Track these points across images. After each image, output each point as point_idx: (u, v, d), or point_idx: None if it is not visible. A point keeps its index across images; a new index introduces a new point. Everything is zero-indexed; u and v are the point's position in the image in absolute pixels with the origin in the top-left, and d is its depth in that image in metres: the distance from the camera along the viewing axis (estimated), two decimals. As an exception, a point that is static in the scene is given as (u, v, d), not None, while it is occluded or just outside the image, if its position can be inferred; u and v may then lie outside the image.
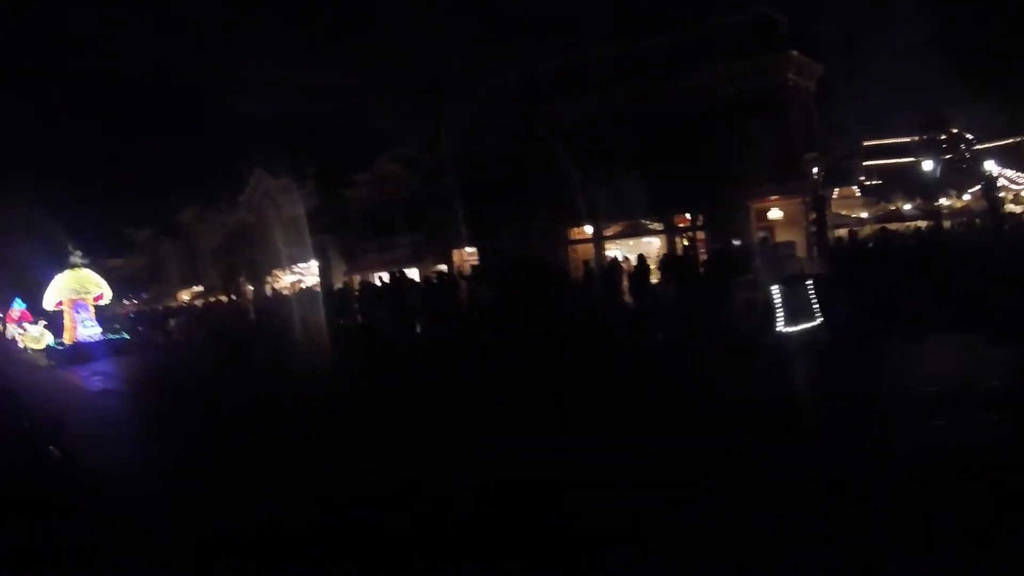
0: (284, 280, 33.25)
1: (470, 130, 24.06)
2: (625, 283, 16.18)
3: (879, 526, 4.08)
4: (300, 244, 30.10)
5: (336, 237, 28.81)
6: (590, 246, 22.20)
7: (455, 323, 16.61)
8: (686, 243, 20.43)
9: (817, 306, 11.00)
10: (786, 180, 21.13)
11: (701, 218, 22.33)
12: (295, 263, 32.05)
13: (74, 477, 5.89)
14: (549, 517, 4.79)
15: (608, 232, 21.91)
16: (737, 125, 20.84)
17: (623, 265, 18.21)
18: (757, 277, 11.43)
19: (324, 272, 29.52)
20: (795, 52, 21.84)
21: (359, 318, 20.41)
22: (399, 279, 19.15)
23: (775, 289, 10.84)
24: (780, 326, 10.73)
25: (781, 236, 18.99)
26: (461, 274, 18.97)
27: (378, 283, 23.40)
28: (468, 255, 23.83)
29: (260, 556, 4.69)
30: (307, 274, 32.00)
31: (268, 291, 30.80)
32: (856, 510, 4.32)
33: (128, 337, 28.00)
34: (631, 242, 22.05)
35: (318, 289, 25.64)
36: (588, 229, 22.16)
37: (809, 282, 11.30)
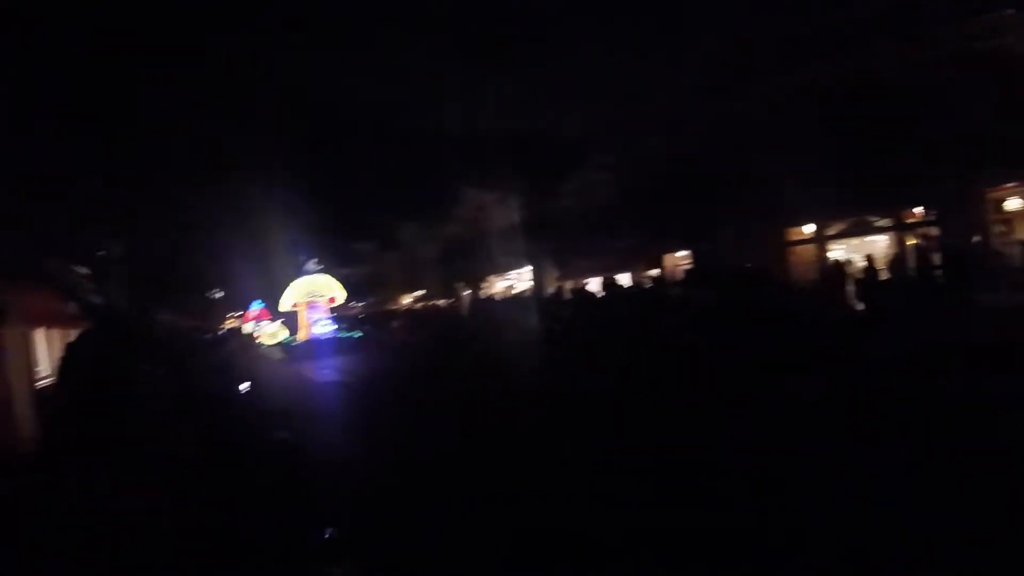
0: (497, 286, 34.53)
1: (674, 128, 23.35)
2: (851, 287, 15.20)
3: None
4: (512, 252, 31.09)
5: (546, 244, 29.42)
6: (811, 247, 20.45)
7: (668, 330, 16.21)
8: (917, 241, 18.72)
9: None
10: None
11: (932, 212, 20.12)
12: (507, 270, 33.17)
13: (304, 462, 6.44)
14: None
15: (830, 231, 20.14)
16: (971, 99, 18.55)
17: (848, 268, 16.93)
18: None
19: (536, 278, 30.37)
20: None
21: (570, 323, 20.63)
22: (610, 285, 19.18)
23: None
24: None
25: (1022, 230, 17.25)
26: (674, 279, 18.66)
27: (589, 289, 23.71)
28: (681, 259, 23.33)
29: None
30: (519, 280, 33.05)
31: (482, 296, 32.19)
32: None
33: (361, 335, 30.02)
34: (855, 241, 20.24)
35: (530, 294, 26.46)
36: (807, 228, 20.56)
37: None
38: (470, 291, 35.48)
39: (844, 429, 6.92)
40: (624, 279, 21.57)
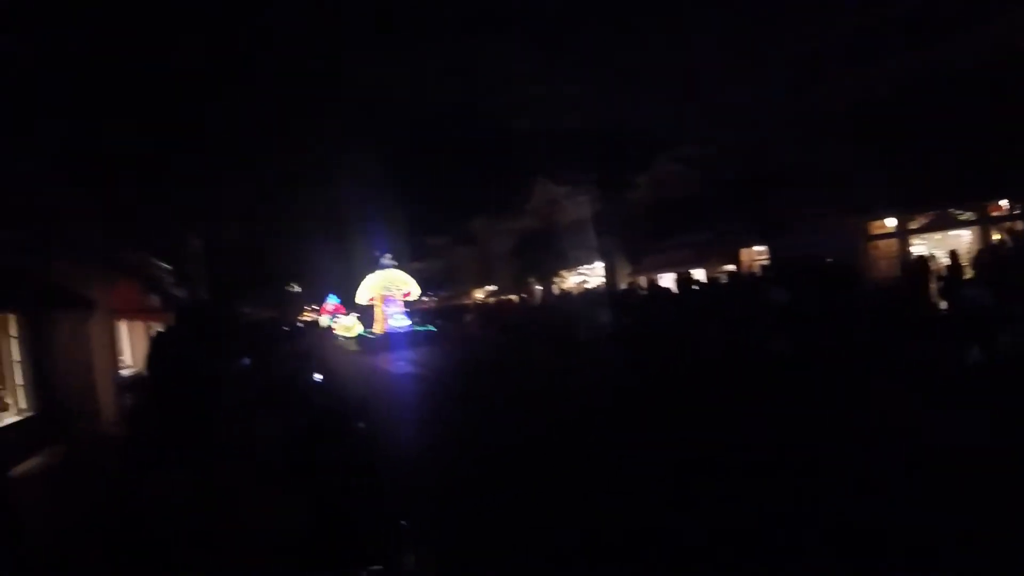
0: (570, 281, 34.44)
1: (751, 118, 22.72)
2: (933, 286, 14.47)
3: None
4: (584, 247, 30.93)
5: (619, 239, 29.17)
6: (892, 242, 19.56)
7: (744, 328, 15.81)
8: (1003, 236, 17.71)
9: None
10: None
11: (1020, 204, 18.91)
12: (580, 265, 33.04)
13: (378, 450, 6.49)
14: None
15: (912, 225, 19.19)
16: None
17: (931, 264, 16.05)
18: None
19: (608, 273, 30.17)
20: None
21: (644, 318, 20.41)
22: (684, 280, 18.92)
23: None
24: None
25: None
26: (750, 275, 18.26)
27: (663, 284, 23.43)
28: (758, 254, 22.79)
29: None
30: (592, 275, 32.89)
31: (555, 291, 32.17)
32: None
33: (435, 329, 30.38)
34: (937, 236, 19.24)
35: (603, 290, 26.32)
36: (889, 222, 19.66)
37: None
38: (542, 286, 35.50)
39: (930, 439, 6.49)
40: (699, 275, 21.19)
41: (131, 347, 14.76)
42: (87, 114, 5.31)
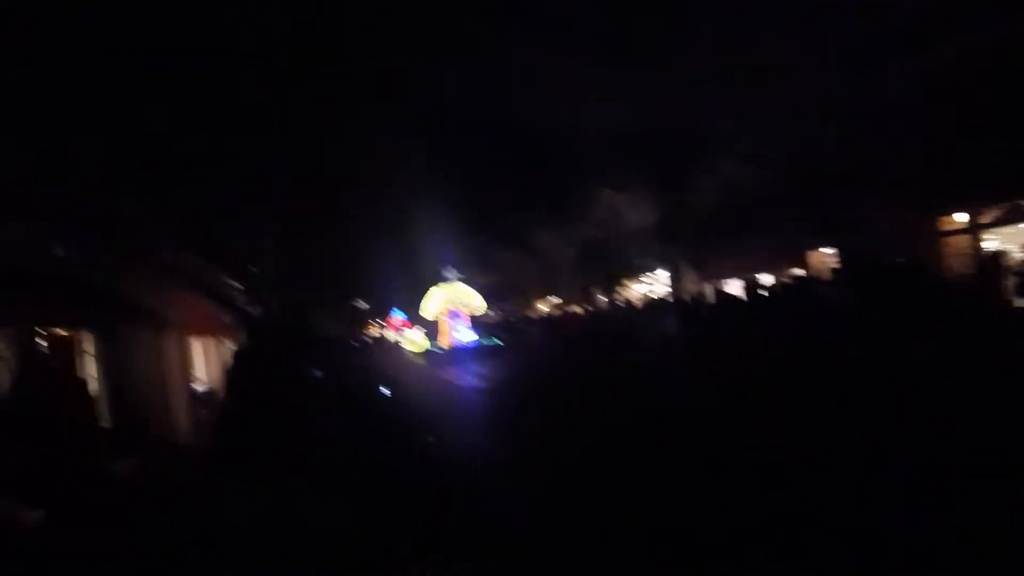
0: (634, 290, 34.13)
1: (815, 115, 22.08)
2: (1011, 282, 13.79)
3: None
4: (648, 254, 30.64)
5: (684, 245, 28.80)
6: (964, 238, 18.67)
7: (812, 333, 15.33)
8: None
9: None
10: None
11: None
12: (644, 273, 32.72)
13: (445, 460, 6.51)
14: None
15: (984, 219, 18.27)
16: None
17: (1005, 259, 15.18)
18: None
19: (674, 281, 29.77)
20: None
21: (710, 327, 20.05)
22: (751, 286, 18.53)
23: None
24: None
25: None
26: (819, 278, 17.73)
27: (728, 291, 22.98)
28: (826, 256, 22.17)
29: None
30: (657, 283, 32.54)
31: (619, 301, 31.87)
32: None
33: (501, 343, 30.27)
34: (1009, 230, 18.23)
35: (669, 298, 25.98)
36: (960, 217, 18.78)
37: None
38: (606, 296, 35.25)
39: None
40: (766, 279, 20.76)
41: (204, 363, 15.14)
42: (164, 130, 5.45)
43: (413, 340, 41.61)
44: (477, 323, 35.89)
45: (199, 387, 14.03)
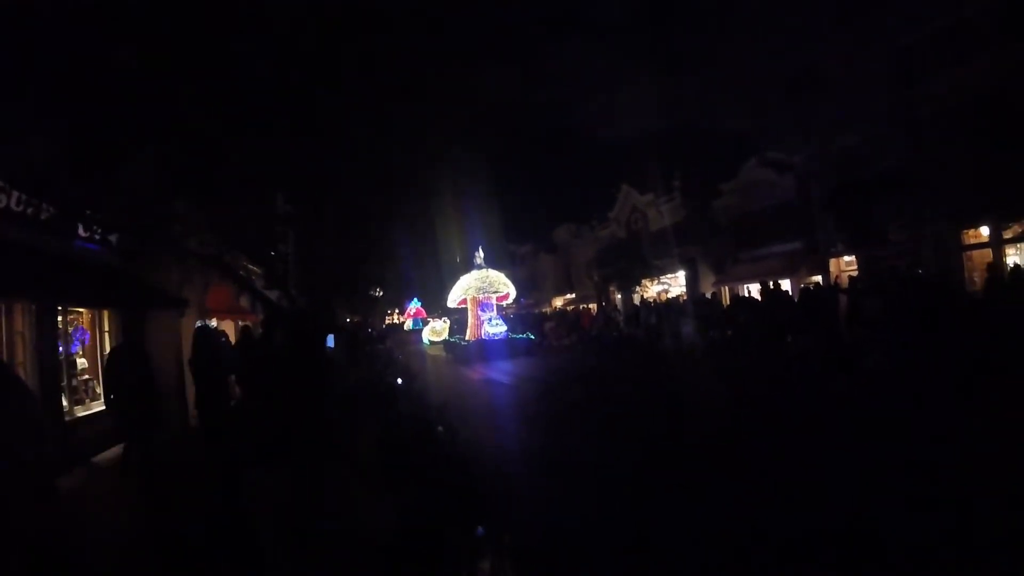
0: (652, 290, 34.03)
1: (843, 124, 21.94)
2: None
3: None
4: (668, 255, 30.55)
5: (704, 248, 28.71)
6: (986, 252, 18.34)
7: (831, 340, 15.24)
8: None
9: None
10: None
11: None
12: (663, 273, 32.60)
13: (456, 452, 6.53)
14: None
15: (1007, 234, 17.97)
16: None
17: None
18: None
19: (691, 282, 29.67)
20: None
21: (728, 330, 20.00)
22: (771, 291, 18.42)
23: None
24: None
25: None
26: (839, 286, 17.62)
27: (748, 294, 22.89)
28: (847, 264, 22.02)
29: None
30: (674, 284, 32.43)
31: (636, 300, 31.78)
32: None
33: (532, 337, 28.33)
34: None
35: (685, 299, 25.86)
36: (982, 231, 18.52)
37: None
38: (622, 294, 35.20)
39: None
40: (784, 285, 20.64)
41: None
42: (192, 123, 5.53)
43: (436, 330, 41.28)
44: (504, 315, 33.56)
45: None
